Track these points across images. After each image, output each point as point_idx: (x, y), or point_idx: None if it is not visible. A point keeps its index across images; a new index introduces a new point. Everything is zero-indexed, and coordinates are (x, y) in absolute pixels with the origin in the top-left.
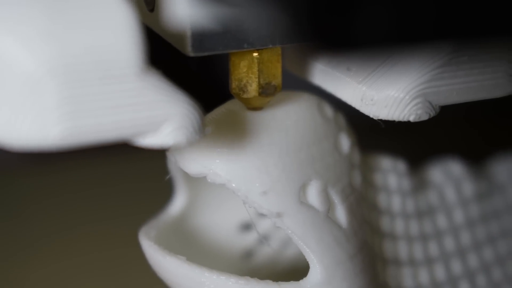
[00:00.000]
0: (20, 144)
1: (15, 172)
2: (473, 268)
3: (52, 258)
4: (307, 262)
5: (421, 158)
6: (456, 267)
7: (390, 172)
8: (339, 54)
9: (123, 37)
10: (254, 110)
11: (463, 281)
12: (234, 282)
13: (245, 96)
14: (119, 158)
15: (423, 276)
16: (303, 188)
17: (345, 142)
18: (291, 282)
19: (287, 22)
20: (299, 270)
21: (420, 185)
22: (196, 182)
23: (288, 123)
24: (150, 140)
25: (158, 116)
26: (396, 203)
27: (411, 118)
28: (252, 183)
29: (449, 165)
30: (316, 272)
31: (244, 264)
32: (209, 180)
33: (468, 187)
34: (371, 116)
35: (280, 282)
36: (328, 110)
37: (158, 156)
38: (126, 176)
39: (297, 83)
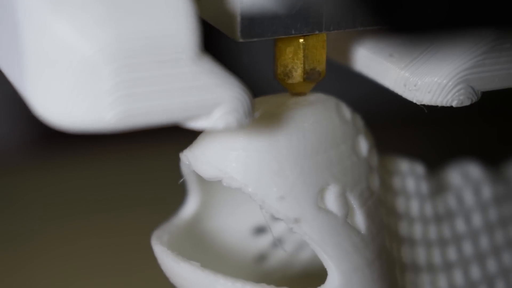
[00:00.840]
0: (77, 127)
1: (13, 166)
2: (492, 273)
3: (48, 251)
4: (321, 265)
5: (438, 161)
6: (475, 272)
7: (409, 175)
8: (383, 40)
9: (179, 23)
10: (298, 95)
11: (482, 286)
12: None
13: (290, 81)
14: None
15: (442, 281)
16: (320, 192)
17: (363, 145)
18: None
19: (335, 9)
20: (313, 273)
21: (438, 188)
22: (209, 184)
23: (305, 125)
24: (202, 123)
25: (211, 99)
26: (414, 207)
27: (454, 104)
28: (269, 187)
29: (468, 168)
30: (333, 279)
31: (257, 267)
32: (224, 184)
33: (487, 191)
34: (414, 101)
35: None
36: (346, 112)
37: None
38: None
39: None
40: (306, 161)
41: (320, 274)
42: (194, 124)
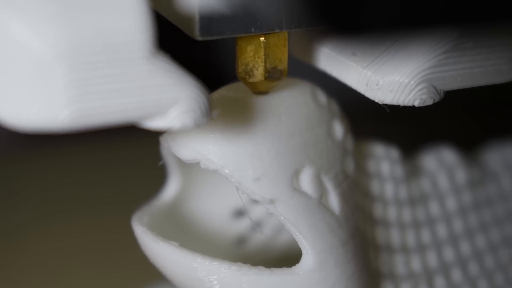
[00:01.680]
0: (30, 127)
1: (6, 157)
2: (465, 256)
3: (43, 244)
4: (300, 249)
5: (414, 146)
6: (449, 254)
7: (383, 159)
8: (345, 39)
9: (133, 20)
10: (260, 94)
11: (455, 268)
12: (227, 268)
13: (251, 80)
14: (111, 144)
15: (416, 263)
16: (296, 174)
17: (338, 129)
18: (284, 268)
19: (295, 7)
20: (292, 257)
21: (413, 172)
22: (190, 167)
23: (281, 109)
24: (158, 123)
25: (166, 99)
26: (389, 190)
27: (416, 103)
28: (245, 169)
29: (442, 152)
30: (308, 259)
31: (237, 250)
32: (202, 166)
33: (461, 175)
34: (376, 100)
35: (272, 269)
36: (322, 97)
37: (152, 142)
38: (118, 162)
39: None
40: (282, 144)
41: (299, 258)
42: (150, 124)
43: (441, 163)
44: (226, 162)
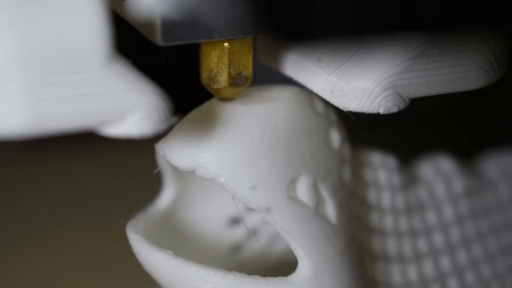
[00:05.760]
0: None
1: (5, 165)
2: (462, 265)
3: (42, 253)
4: (295, 257)
5: (411, 154)
6: (445, 263)
7: (380, 168)
8: (312, 45)
9: (89, 25)
10: (225, 101)
11: (452, 278)
12: (222, 277)
13: (215, 86)
14: (108, 151)
15: (412, 272)
16: (292, 183)
17: (335, 137)
18: (279, 277)
19: (251, 12)
20: (287, 265)
21: (410, 181)
22: (185, 175)
23: (278, 117)
24: (116, 130)
25: (124, 105)
26: (385, 198)
27: (381, 110)
28: (241, 177)
29: (439, 161)
30: (304, 268)
31: (232, 258)
32: (197, 174)
33: (458, 183)
34: (341, 108)
35: (268, 278)
36: (319, 105)
37: (148, 149)
38: (115, 170)
39: (272, 76)
40: (279, 152)
41: (294, 266)
42: (108, 131)
43: (438, 172)
44: (222, 170)
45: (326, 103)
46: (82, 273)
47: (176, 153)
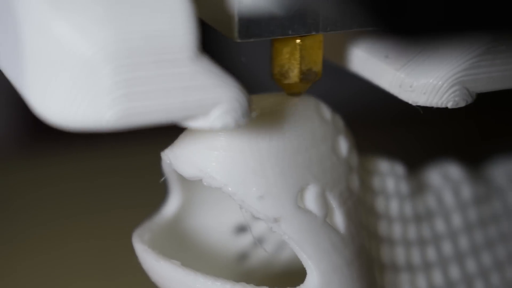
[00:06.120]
0: (76, 126)
1: (4, 164)
2: (471, 273)
3: (39, 251)
4: (302, 265)
5: (418, 160)
6: (454, 272)
7: (388, 176)
8: (379, 41)
9: (177, 22)
10: (294, 95)
11: (461, 286)
12: None
13: (286, 81)
14: (110, 152)
15: (421, 281)
16: (300, 192)
17: (343, 145)
18: None
19: (333, 9)
20: (294, 273)
21: (418, 188)
22: (191, 182)
23: (285, 125)
24: (200, 123)
25: (209, 99)
26: (394, 207)
27: (449, 105)
28: (249, 187)
29: (447, 168)
30: (313, 278)
31: (238, 266)
32: (204, 183)
33: (466, 191)
34: (410, 102)
35: None
36: (326, 112)
37: (153, 148)
38: (115, 170)
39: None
40: (286, 161)
41: (301, 274)
42: (192, 124)
43: (446, 179)
44: (229, 180)
45: (333, 110)
46: (81, 271)
47: (183, 162)
